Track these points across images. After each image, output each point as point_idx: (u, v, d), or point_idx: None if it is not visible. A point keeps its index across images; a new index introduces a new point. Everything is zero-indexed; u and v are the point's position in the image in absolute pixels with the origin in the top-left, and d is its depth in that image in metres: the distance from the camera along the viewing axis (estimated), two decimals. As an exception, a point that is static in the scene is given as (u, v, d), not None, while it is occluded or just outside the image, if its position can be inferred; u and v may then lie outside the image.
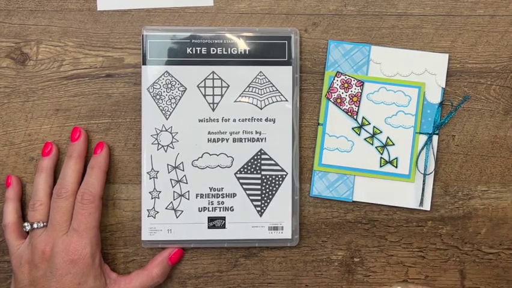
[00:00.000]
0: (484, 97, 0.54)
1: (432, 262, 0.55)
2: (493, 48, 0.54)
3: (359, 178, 0.55)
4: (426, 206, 0.55)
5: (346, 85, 0.54)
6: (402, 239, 0.55)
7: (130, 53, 0.54)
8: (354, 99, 0.54)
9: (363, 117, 0.55)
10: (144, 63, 0.52)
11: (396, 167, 0.55)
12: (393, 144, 0.55)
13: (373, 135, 0.55)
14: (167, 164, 0.53)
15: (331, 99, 0.54)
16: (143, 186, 0.53)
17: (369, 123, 0.55)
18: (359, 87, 0.54)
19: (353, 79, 0.54)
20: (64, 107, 0.54)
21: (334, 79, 0.54)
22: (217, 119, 0.53)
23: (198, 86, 0.53)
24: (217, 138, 0.53)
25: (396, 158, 0.55)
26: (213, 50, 0.53)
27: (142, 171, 0.53)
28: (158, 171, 0.53)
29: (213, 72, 0.53)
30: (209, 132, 0.53)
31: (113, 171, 0.54)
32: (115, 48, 0.54)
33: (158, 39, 0.52)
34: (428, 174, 0.54)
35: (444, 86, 0.54)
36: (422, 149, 0.54)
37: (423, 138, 0.55)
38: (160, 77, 0.52)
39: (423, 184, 0.54)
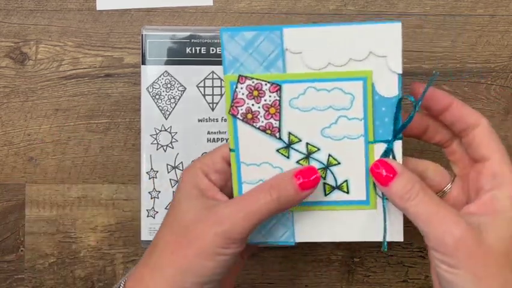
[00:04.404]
0: (484, 97, 0.54)
1: (432, 262, 0.55)
2: (493, 48, 0.54)
3: (299, 214, 0.42)
4: (397, 236, 0.41)
5: (256, 93, 0.39)
6: (402, 239, 0.55)
7: (129, 52, 0.54)
8: (272, 110, 0.40)
9: (289, 133, 0.40)
10: (143, 63, 0.52)
11: (347, 192, 0.41)
12: (339, 163, 0.41)
13: (308, 155, 0.41)
14: (167, 164, 0.53)
15: (238, 116, 0.40)
16: (143, 186, 0.53)
17: (300, 140, 0.40)
18: (275, 93, 0.39)
19: (264, 82, 0.39)
20: (63, 106, 0.54)
21: (237, 86, 0.40)
22: (216, 119, 0.53)
23: (197, 85, 0.53)
24: (217, 138, 0.53)
25: (346, 181, 0.41)
26: (213, 50, 0.53)
27: (141, 171, 0.53)
28: (157, 171, 0.53)
29: (213, 72, 0.53)
30: (208, 132, 0.53)
31: (112, 171, 0.54)
32: (114, 48, 0.54)
33: (157, 39, 0.52)
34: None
35: (400, 72, 0.39)
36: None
37: (380, 148, 0.40)
38: (160, 76, 0.52)
39: (384, 211, 0.41)
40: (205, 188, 0.41)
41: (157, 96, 0.52)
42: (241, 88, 0.40)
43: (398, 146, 0.40)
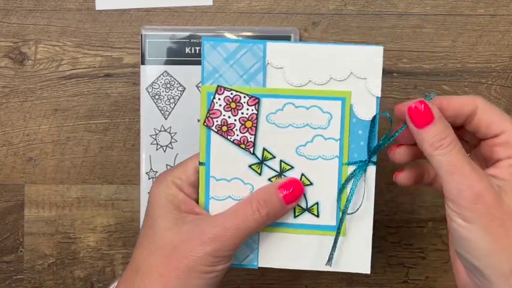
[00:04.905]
0: (485, 97, 0.54)
1: (433, 263, 0.55)
2: (493, 47, 0.54)
3: (265, 235, 0.41)
4: (363, 268, 0.41)
5: (233, 105, 0.39)
6: (403, 239, 0.55)
7: (128, 52, 0.54)
8: (248, 124, 0.39)
9: (264, 149, 0.40)
10: (143, 63, 0.52)
11: (317, 216, 0.40)
12: (311, 184, 0.40)
13: (281, 173, 0.40)
14: (166, 165, 0.53)
15: (213, 128, 0.40)
16: (142, 186, 0.52)
17: (274, 157, 0.40)
18: (253, 107, 0.39)
19: (243, 95, 0.39)
20: (62, 107, 0.54)
21: (214, 97, 0.39)
22: (216, 119, 0.53)
23: (197, 85, 0.52)
24: (217, 139, 0.53)
25: (317, 203, 0.40)
26: (212, 50, 0.52)
27: (140, 172, 0.53)
28: (157, 172, 0.52)
29: (212, 72, 0.53)
30: (208, 133, 0.53)
31: (112, 172, 0.54)
32: (113, 48, 0.54)
33: (157, 38, 0.52)
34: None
35: (379, 95, 0.39)
36: (350, 184, 0.40)
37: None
38: (159, 76, 0.52)
39: (339, 226, 0.40)
40: (181, 203, 0.40)
41: (157, 97, 0.52)
42: (219, 99, 0.39)
43: (371, 171, 0.40)
